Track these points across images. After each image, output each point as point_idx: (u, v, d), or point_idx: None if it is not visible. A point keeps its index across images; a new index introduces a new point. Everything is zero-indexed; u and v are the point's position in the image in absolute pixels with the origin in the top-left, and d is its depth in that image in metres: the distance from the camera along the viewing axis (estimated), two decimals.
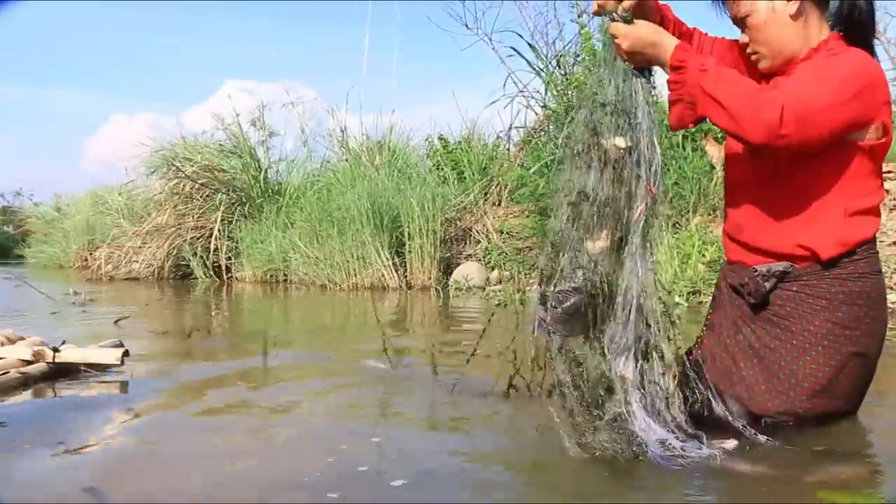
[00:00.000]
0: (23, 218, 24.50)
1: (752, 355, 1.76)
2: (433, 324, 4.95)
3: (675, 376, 1.71)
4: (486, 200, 8.56)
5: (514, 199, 8.16)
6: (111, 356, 2.73)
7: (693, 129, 9.11)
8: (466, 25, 9.50)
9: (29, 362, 2.61)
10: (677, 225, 7.23)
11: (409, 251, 7.74)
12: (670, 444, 1.60)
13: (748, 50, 1.80)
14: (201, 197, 10.41)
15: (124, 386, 2.59)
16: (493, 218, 8.22)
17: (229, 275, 9.98)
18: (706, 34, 1.96)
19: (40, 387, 2.50)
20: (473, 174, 8.92)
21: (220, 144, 10.93)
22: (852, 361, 1.71)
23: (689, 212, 7.46)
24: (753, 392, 1.74)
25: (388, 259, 7.75)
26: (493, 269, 7.55)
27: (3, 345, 2.72)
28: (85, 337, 3.55)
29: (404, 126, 10.87)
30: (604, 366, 1.66)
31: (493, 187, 8.72)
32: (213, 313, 4.21)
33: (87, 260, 12.83)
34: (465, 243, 8.25)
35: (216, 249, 9.98)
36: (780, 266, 1.74)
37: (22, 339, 2.85)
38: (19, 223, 25.36)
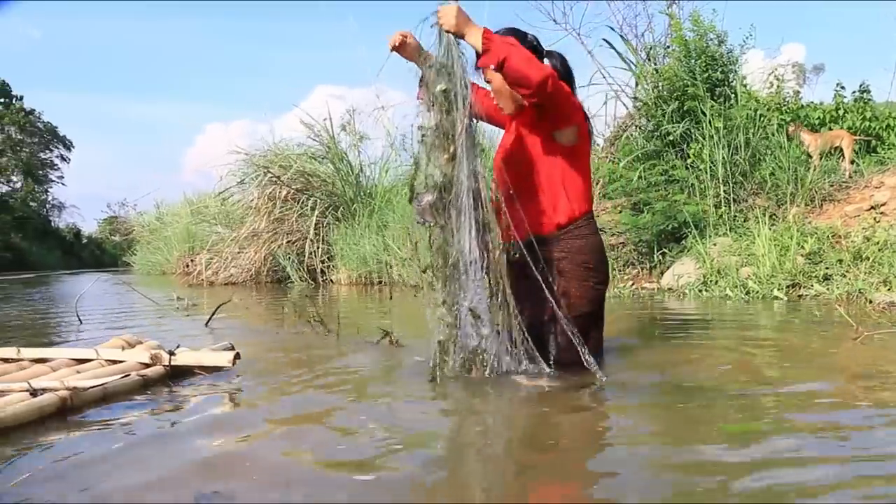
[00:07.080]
0: (128, 227, 25.82)
1: (536, 291, 2.53)
2: None
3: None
4: None
5: (606, 194, 7.93)
6: (223, 359, 2.78)
7: (788, 119, 8.66)
8: (555, 20, 9.37)
9: (147, 365, 2.68)
10: (774, 216, 6.82)
11: None
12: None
13: (494, 102, 2.82)
14: (296, 202, 10.64)
15: (235, 386, 2.62)
16: None
17: (324, 277, 10.16)
18: None
19: (158, 388, 2.56)
20: None
21: (312, 151, 11.16)
22: (591, 286, 2.68)
23: (786, 203, 7.03)
24: (540, 310, 2.56)
25: None
26: None
27: (123, 349, 2.82)
28: (191, 339, 3.64)
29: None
30: (454, 245, 2.45)
31: None
32: (310, 315, 4.30)
33: (188, 266, 13.37)
34: None
35: (311, 253, 10.19)
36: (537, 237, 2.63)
37: (140, 342, 2.94)
38: (125, 232, 26.76)
